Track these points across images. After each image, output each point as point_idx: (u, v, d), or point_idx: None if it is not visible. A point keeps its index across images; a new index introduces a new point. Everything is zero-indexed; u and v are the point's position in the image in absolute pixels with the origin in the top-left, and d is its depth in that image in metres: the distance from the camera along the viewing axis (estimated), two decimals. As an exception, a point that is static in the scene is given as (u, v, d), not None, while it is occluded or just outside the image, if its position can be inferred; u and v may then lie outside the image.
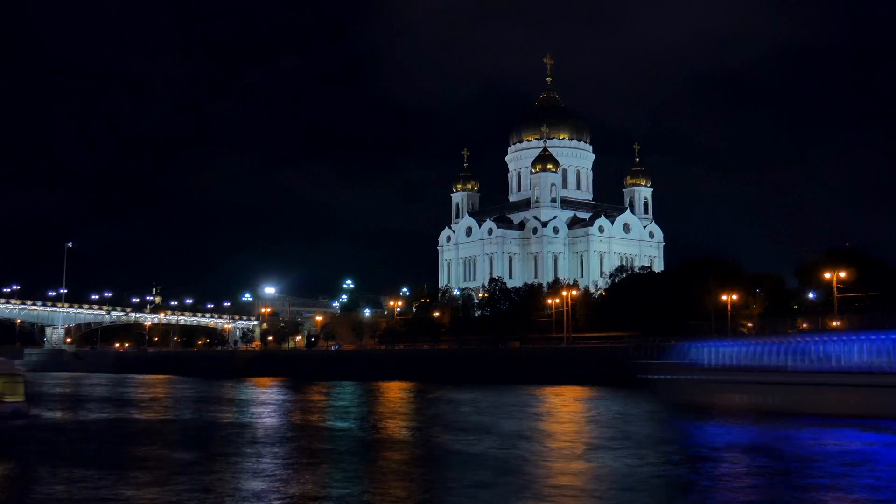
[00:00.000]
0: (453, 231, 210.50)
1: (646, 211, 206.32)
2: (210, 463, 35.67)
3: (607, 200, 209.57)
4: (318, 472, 34.31)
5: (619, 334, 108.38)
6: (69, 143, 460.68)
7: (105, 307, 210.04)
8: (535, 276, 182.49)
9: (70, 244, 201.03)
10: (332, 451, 41.23)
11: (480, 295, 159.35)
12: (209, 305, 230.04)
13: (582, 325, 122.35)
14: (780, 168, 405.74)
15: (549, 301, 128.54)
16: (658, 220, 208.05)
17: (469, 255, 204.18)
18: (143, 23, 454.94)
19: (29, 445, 40.34)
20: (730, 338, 70.91)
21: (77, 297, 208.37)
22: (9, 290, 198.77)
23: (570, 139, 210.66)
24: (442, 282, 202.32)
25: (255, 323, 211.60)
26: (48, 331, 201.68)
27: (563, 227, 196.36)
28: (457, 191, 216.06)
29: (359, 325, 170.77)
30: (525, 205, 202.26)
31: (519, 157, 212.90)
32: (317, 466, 35.61)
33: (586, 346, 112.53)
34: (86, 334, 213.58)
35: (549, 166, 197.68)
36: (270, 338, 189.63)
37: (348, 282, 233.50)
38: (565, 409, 67.76)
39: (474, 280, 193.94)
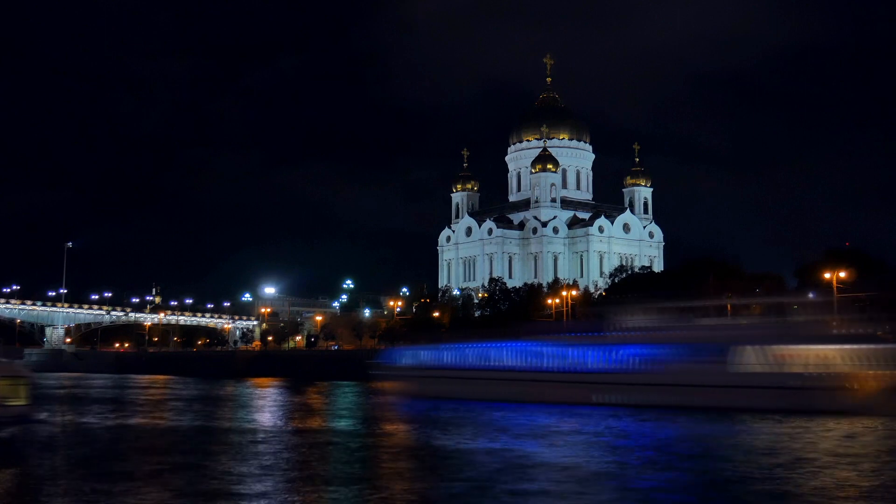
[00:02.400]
0: (453, 231, 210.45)
1: (646, 211, 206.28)
2: (216, 468, 35.56)
3: (607, 200, 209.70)
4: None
5: None
6: (69, 143, 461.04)
7: (105, 307, 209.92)
8: (535, 276, 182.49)
9: (70, 244, 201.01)
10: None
11: (480, 295, 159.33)
12: (209, 305, 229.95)
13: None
14: (780, 168, 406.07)
15: (549, 301, 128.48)
16: (658, 220, 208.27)
17: (469, 255, 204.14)
18: (143, 23, 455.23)
19: (32, 452, 40.06)
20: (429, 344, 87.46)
21: (77, 297, 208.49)
22: (9, 290, 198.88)
23: (570, 139, 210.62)
24: (442, 282, 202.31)
25: (255, 323, 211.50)
26: (48, 331, 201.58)
27: (563, 227, 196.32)
28: (457, 191, 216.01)
29: (359, 325, 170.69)
30: (525, 205, 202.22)
31: (519, 157, 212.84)
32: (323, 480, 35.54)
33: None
34: (86, 334, 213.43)
35: (549, 166, 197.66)
36: (270, 338, 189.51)
37: (348, 282, 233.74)
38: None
39: (474, 280, 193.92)
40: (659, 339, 65.78)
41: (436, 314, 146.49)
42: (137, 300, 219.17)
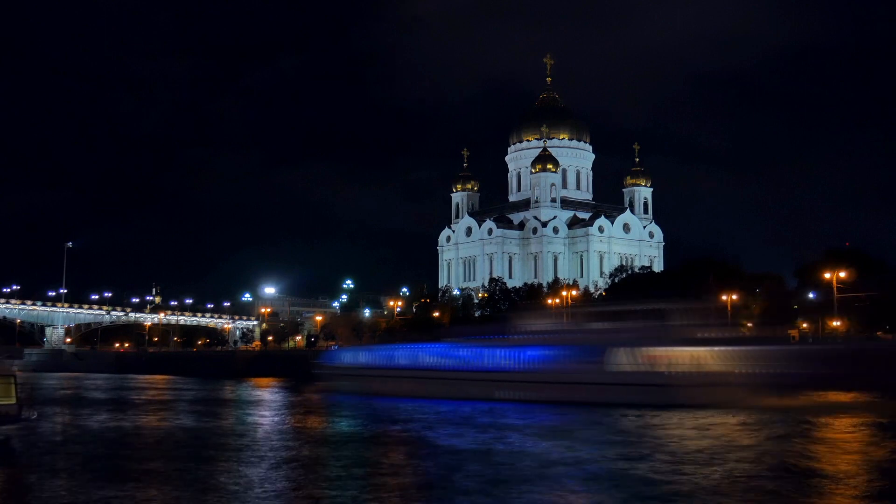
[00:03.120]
0: (453, 231, 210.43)
1: (646, 211, 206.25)
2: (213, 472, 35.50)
3: (607, 200, 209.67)
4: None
5: None
6: (69, 143, 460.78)
7: (105, 307, 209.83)
8: (535, 276, 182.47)
9: (70, 244, 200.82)
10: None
11: (480, 295, 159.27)
12: (209, 305, 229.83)
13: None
14: (780, 168, 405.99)
15: (550, 301, 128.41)
16: (658, 220, 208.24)
17: (469, 255, 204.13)
18: (143, 23, 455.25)
19: (16, 451, 39.89)
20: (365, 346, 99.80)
21: (77, 297, 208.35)
22: (9, 290, 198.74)
23: (570, 139, 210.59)
24: (442, 282, 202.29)
25: (255, 323, 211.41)
26: (48, 331, 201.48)
27: (563, 227, 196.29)
28: (457, 191, 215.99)
29: (359, 325, 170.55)
30: (525, 205, 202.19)
31: (519, 157, 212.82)
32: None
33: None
34: (85, 334, 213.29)
35: (549, 166, 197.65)
36: (270, 338, 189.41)
37: (348, 282, 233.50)
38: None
39: (474, 280, 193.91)
40: (550, 342, 73.09)
41: (436, 314, 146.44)
42: (137, 300, 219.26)
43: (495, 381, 71.50)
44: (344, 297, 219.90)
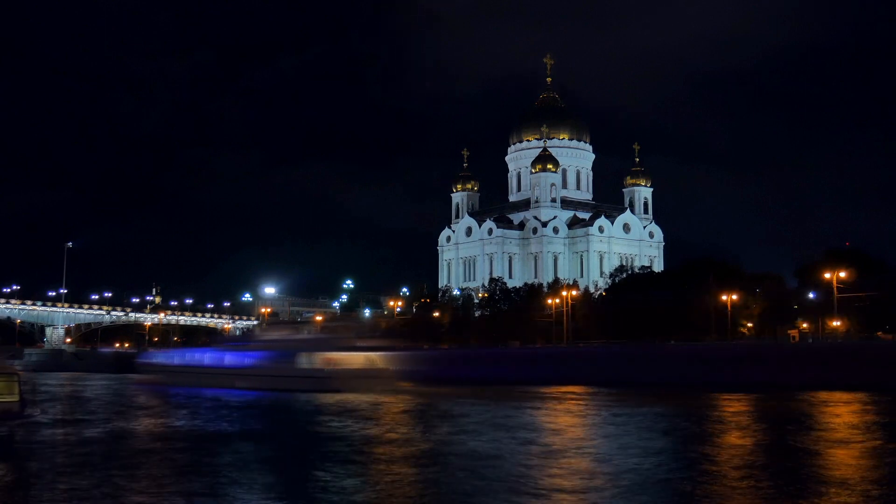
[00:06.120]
0: (453, 231, 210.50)
1: (646, 211, 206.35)
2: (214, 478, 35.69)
3: (607, 200, 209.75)
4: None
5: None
6: (69, 143, 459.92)
7: (105, 307, 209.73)
8: (536, 276, 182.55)
9: (70, 244, 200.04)
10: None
11: (480, 295, 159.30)
12: (209, 305, 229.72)
13: (582, 325, 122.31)
14: (780, 168, 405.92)
15: (550, 301, 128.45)
16: (658, 220, 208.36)
17: (469, 255, 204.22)
18: (143, 23, 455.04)
19: (19, 448, 39.99)
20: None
21: (77, 297, 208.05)
22: (9, 290, 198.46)
23: (570, 139, 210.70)
24: (442, 282, 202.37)
25: (255, 323, 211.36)
26: (48, 331, 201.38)
27: (563, 227, 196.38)
28: (457, 191, 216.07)
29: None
30: (525, 205, 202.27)
31: (519, 157, 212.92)
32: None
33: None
34: (86, 334, 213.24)
35: (549, 166, 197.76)
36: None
37: (348, 282, 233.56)
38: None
39: (474, 280, 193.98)
40: (269, 346, 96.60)
41: (436, 314, 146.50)
42: (137, 300, 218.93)
43: (236, 375, 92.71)
44: (344, 297, 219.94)
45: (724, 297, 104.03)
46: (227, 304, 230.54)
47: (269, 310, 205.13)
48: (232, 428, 50.78)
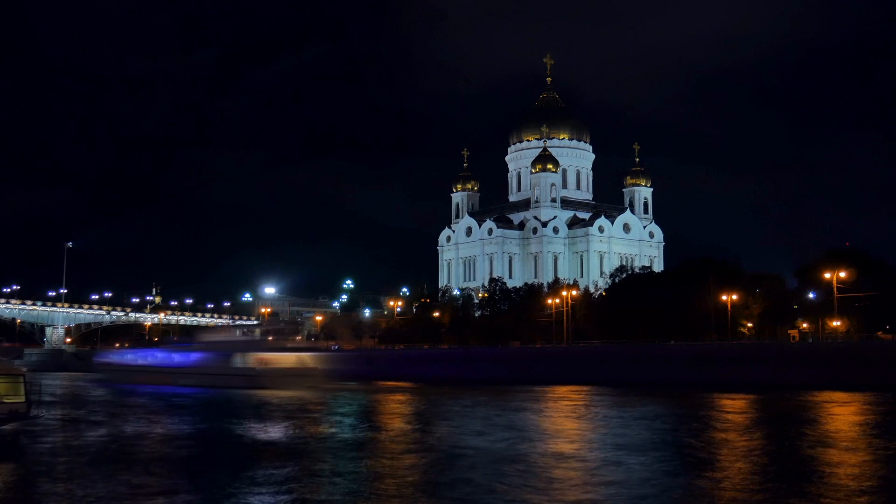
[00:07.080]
0: (453, 231, 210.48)
1: (646, 211, 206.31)
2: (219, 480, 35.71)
3: (607, 200, 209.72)
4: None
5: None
6: (69, 143, 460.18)
7: (105, 307, 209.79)
8: (536, 276, 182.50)
9: (70, 244, 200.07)
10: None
11: (480, 295, 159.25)
12: (209, 305, 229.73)
13: (582, 325, 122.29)
14: (780, 168, 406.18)
15: (550, 301, 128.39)
16: (658, 220, 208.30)
17: (469, 255, 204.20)
18: (143, 23, 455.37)
19: (26, 448, 40.01)
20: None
21: (77, 297, 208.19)
22: (9, 290, 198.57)
23: (570, 139, 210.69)
24: (442, 282, 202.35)
25: (256, 323, 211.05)
26: (48, 331, 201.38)
27: (563, 227, 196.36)
28: (457, 191, 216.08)
29: (359, 325, 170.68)
30: (525, 205, 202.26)
31: (519, 157, 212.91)
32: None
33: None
34: (86, 334, 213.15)
35: (549, 166, 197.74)
36: (270, 338, 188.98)
37: (348, 282, 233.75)
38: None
39: (474, 280, 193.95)
40: (209, 347, 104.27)
41: (436, 314, 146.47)
42: (137, 300, 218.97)
43: (179, 373, 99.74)
44: (344, 297, 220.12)
45: (723, 297, 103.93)
46: (227, 304, 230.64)
47: (269, 310, 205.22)
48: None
